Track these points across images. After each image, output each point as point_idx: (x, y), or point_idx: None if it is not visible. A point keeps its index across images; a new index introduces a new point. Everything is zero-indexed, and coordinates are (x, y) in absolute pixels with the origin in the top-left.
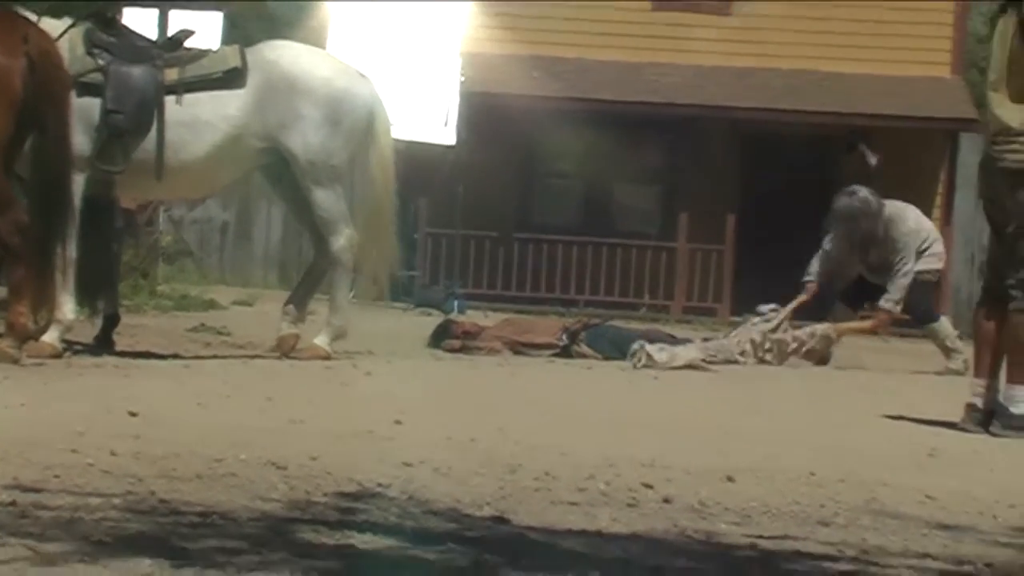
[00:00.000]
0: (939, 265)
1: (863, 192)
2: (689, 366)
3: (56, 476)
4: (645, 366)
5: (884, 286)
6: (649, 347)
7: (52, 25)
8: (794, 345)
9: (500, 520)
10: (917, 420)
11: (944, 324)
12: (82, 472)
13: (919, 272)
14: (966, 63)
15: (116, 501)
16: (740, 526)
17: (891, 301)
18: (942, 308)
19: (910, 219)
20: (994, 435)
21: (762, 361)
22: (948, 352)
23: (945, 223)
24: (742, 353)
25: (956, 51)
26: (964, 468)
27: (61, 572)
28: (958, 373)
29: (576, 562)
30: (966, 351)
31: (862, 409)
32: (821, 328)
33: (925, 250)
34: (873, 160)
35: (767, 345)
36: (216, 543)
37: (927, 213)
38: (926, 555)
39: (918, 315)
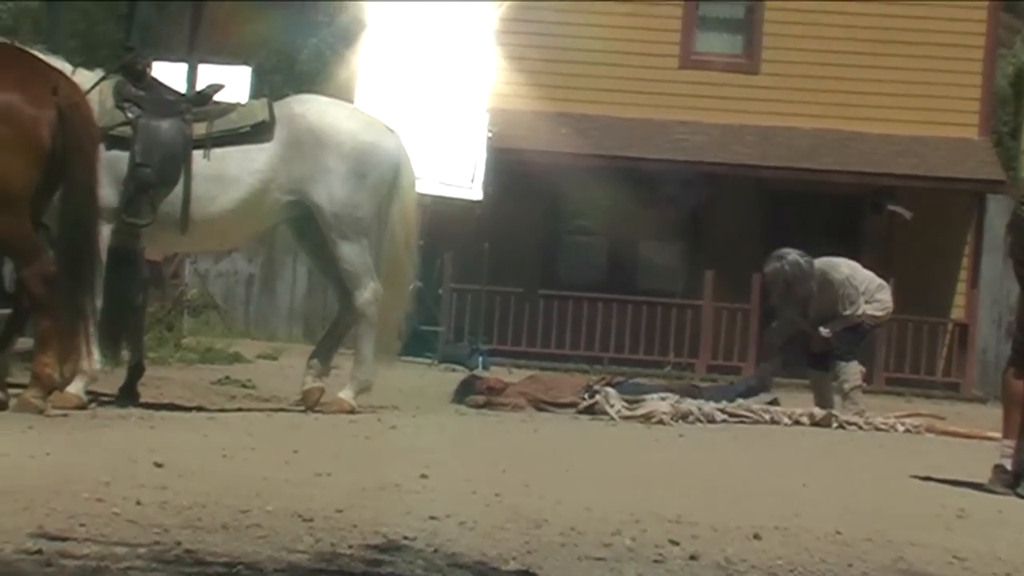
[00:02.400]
0: (881, 313)
1: (792, 255)
2: (648, 417)
3: (82, 525)
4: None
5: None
6: (610, 392)
7: (84, 77)
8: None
9: (526, 575)
10: (944, 480)
11: (854, 368)
12: (108, 521)
13: (860, 315)
14: (993, 124)
15: (142, 551)
16: None
17: (827, 329)
18: (968, 368)
19: (842, 267)
20: (1022, 496)
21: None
22: (844, 396)
23: (972, 285)
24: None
25: (983, 112)
26: (992, 529)
27: None
28: (843, 422)
29: None
30: (864, 403)
31: (887, 468)
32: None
33: (871, 298)
34: (908, 216)
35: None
36: None
37: (953, 274)
38: None
39: (840, 348)
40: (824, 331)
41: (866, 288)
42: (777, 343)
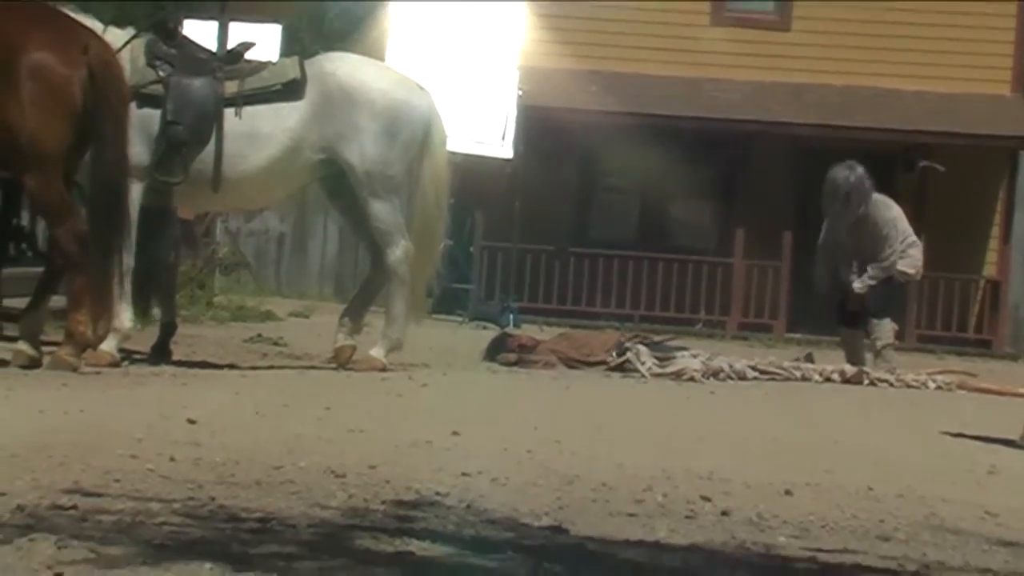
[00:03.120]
0: (911, 271)
1: (860, 168)
2: (679, 374)
3: (116, 481)
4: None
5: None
6: (641, 349)
7: (115, 35)
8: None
9: (558, 530)
10: (975, 437)
11: (887, 326)
12: (142, 477)
13: (891, 263)
14: None
15: (176, 506)
16: (799, 539)
17: (863, 282)
18: (999, 325)
19: (893, 208)
20: None
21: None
22: (877, 353)
23: (1004, 242)
24: (754, 368)
25: (1017, 68)
26: None
27: (124, 574)
28: (874, 379)
29: (635, 572)
30: (896, 361)
31: (918, 425)
32: (851, 370)
33: (903, 251)
34: (941, 170)
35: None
36: (276, 549)
37: (985, 232)
38: (987, 571)
39: (873, 306)
40: (858, 285)
41: (904, 239)
42: (822, 283)
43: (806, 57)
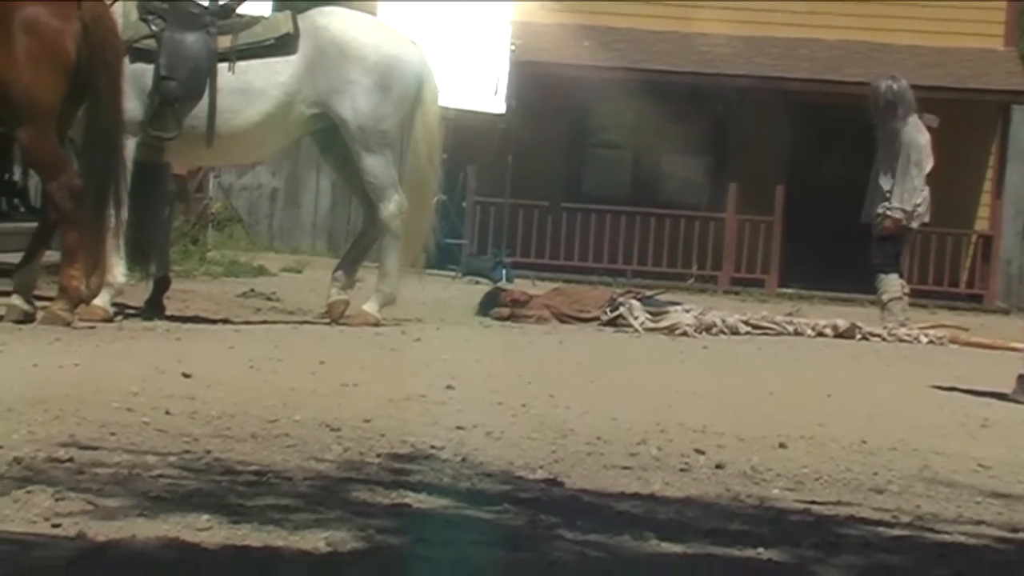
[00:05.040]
0: (916, 221)
1: (905, 81)
2: (672, 329)
3: (112, 434)
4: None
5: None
6: (634, 304)
7: None
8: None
9: (554, 483)
10: (967, 391)
11: (893, 280)
12: (138, 431)
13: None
14: (1019, 34)
15: (172, 459)
16: (793, 492)
17: (899, 210)
18: (991, 279)
19: (924, 135)
20: None
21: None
22: (883, 307)
23: (996, 196)
24: (747, 323)
25: (1009, 22)
26: (1016, 438)
27: (121, 526)
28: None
29: (631, 524)
30: (903, 315)
31: (911, 379)
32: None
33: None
34: (935, 124)
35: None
36: (272, 501)
37: (977, 186)
38: (980, 522)
39: (879, 259)
40: (898, 213)
41: (918, 175)
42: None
43: (798, 12)
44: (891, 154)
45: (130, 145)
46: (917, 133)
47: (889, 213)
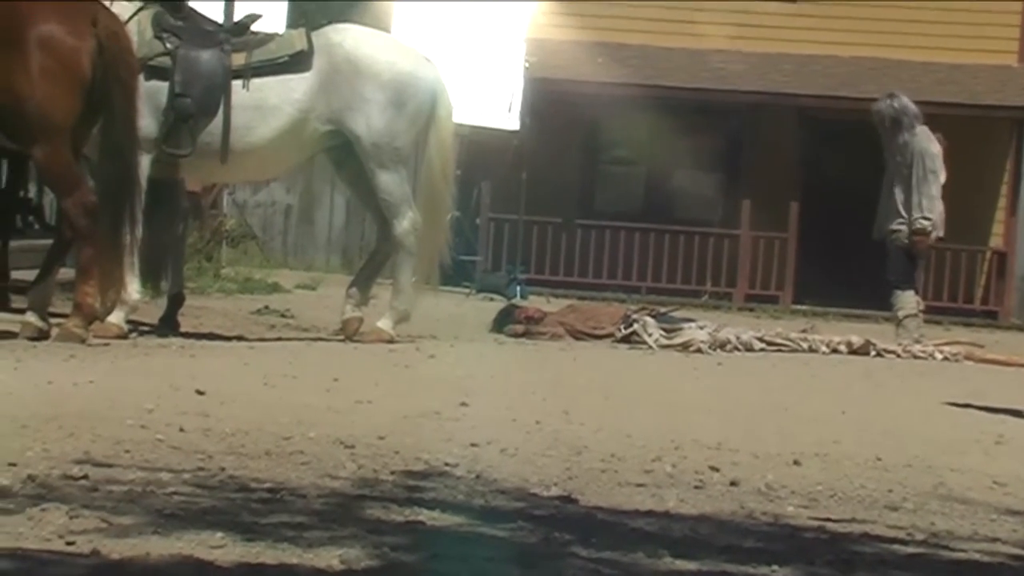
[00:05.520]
0: (933, 235)
1: (904, 96)
2: (686, 345)
3: (127, 451)
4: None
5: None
6: (648, 321)
7: (123, 7)
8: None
9: (568, 500)
10: (982, 407)
11: (909, 297)
12: (152, 448)
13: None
14: None
15: (186, 476)
16: (808, 509)
17: (922, 219)
18: (1006, 296)
19: (936, 144)
20: None
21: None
22: (898, 324)
23: (1011, 213)
24: (761, 339)
25: (1023, 39)
26: None
27: (135, 543)
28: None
29: (645, 541)
30: (918, 332)
31: (926, 396)
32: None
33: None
34: (944, 142)
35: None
36: (286, 518)
37: (992, 202)
38: (996, 539)
39: (895, 276)
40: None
41: (935, 182)
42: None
43: (812, 28)
44: (904, 166)
45: (144, 162)
46: (928, 142)
47: (916, 227)
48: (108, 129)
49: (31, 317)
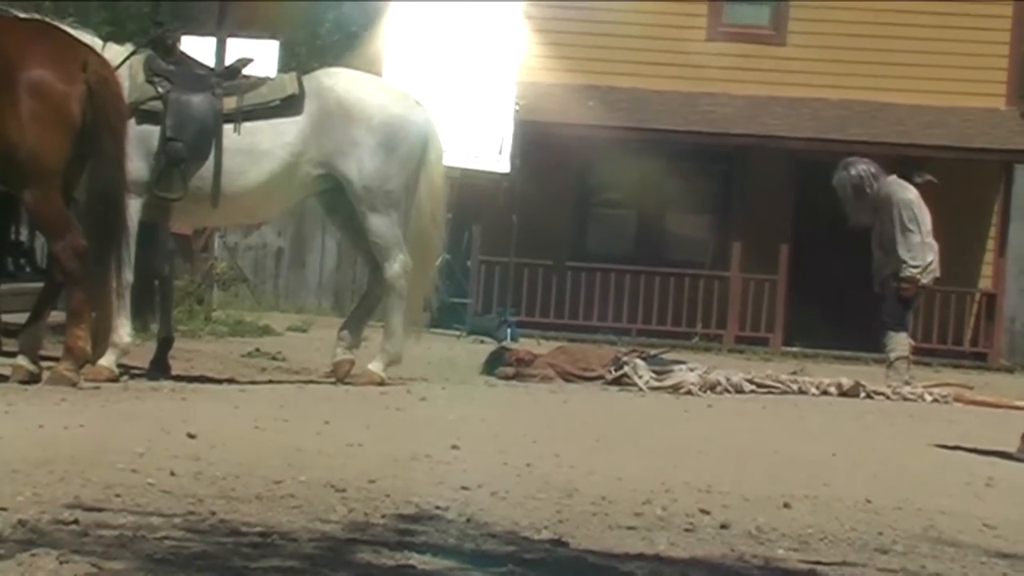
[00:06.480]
0: (927, 279)
1: (861, 163)
2: (676, 387)
3: (117, 495)
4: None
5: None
6: (639, 363)
7: (114, 52)
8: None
9: (559, 543)
10: (972, 449)
11: (902, 339)
12: (143, 492)
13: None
14: (1021, 93)
15: (177, 520)
16: (798, 552)
17: (908, 267)
18: (995, 337)
19: (912, 191)
20: None
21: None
22: (889, 365)
23: (999, 254)
24: (751, 381)
25: (1011, 82)
26: (1021, 497)
27: None
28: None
29: None
30: (908, 374)
31: (916, 438)
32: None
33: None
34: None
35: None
36: (277, 563)
37: (981, 244)
38: None
39: (888, 317)
40: (912, 271)
41: (918, 229)
42: (879, 280)
43: (802, 71)
44: (884, 219)
45: (136, 206)
46: (902, 191)
47: (903, 275)
48: (96, 173)
49: (22, 360)
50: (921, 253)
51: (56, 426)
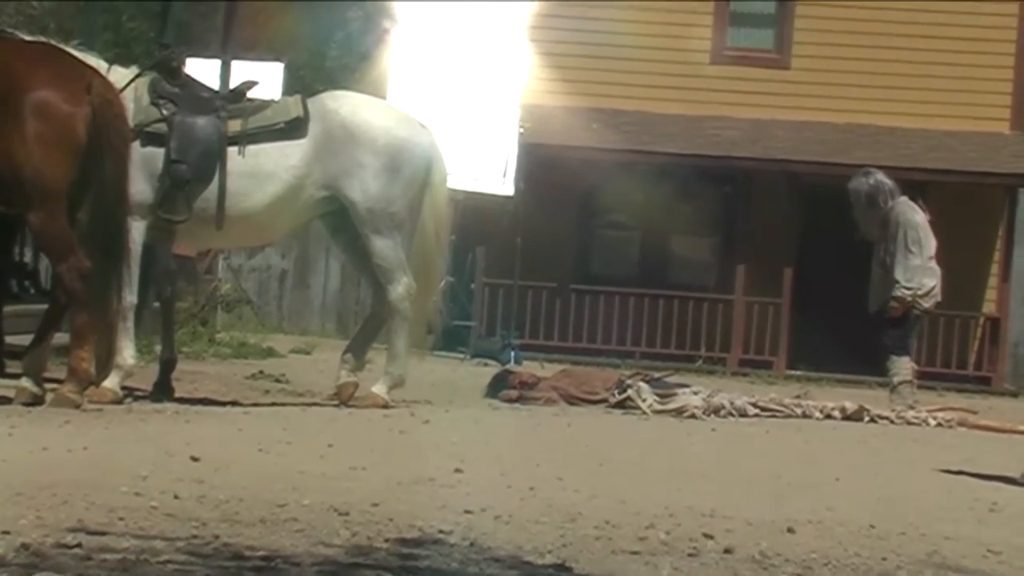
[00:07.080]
0: (929, 304)
1: (879, 173)
2: (680, 411)
3: (120, 519)
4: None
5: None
6: (643, 386)
7: (119, 74)
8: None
9: (562, 568)
10: (976, 474)
11: (904, 363)
12: (146, 515)
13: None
14: None
15: (180, 544)
16: None
17: (902, 288)
18: (999, 362)
19: (920, 214)
20: None
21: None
22: (892, 389)
23: (1003, 279)
24: (755, 405)
25: (1015, 106)
26: None
27: None
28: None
29: None
30: (912, 398)
31: (920, 462)
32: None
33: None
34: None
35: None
36: None
37: (985, 268)
38: None
39: (891, 341)
40: (902, 292)
41: (919, 253)
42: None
43: (806, 95)
44: (889, 238)
45: (139, 228)
46: (911, 213)
47: (895, 294)
48: (99, 195)
49: (26, 382)
50: (917, 276)
51: (59, 449)
